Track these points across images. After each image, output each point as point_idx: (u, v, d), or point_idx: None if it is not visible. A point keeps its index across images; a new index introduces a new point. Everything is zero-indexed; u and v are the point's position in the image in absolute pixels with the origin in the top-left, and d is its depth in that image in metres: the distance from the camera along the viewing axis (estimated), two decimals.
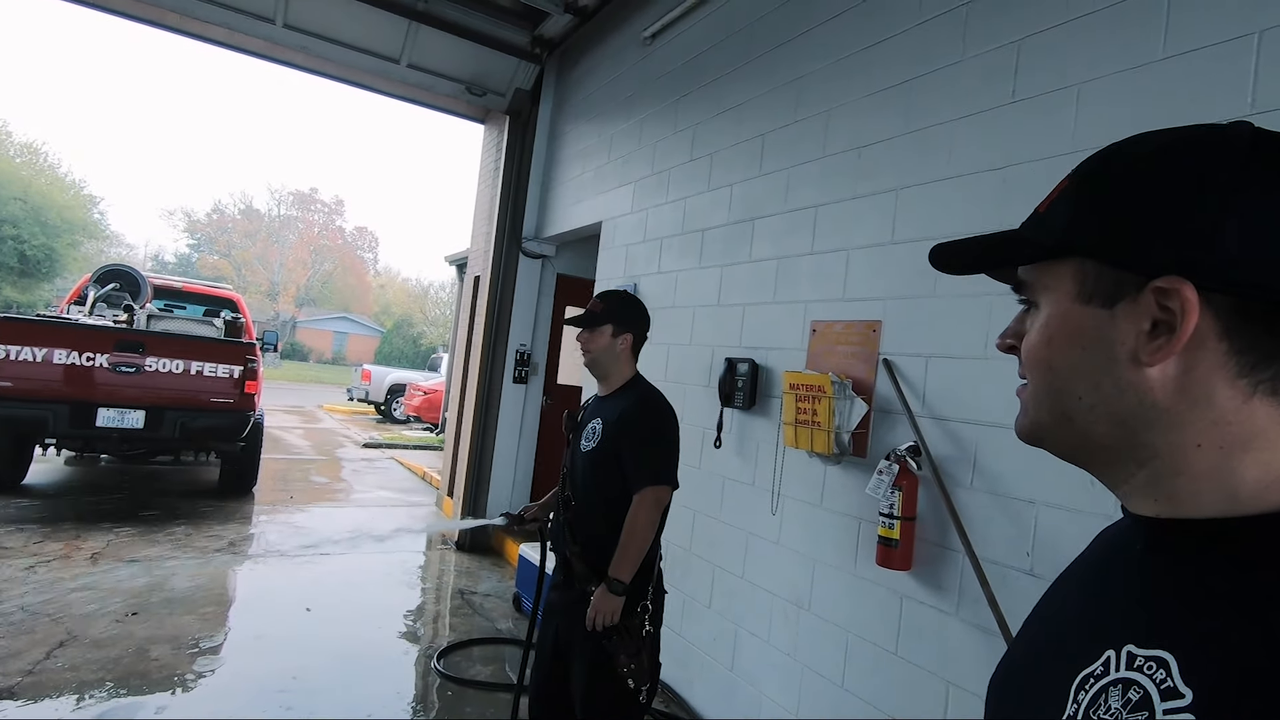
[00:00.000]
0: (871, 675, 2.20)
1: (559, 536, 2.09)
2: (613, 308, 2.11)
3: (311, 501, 6.50)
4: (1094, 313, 0.47)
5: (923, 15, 2.33)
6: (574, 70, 5.07)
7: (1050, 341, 0.50)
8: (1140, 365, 0.45)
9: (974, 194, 2.07)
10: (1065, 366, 0.49)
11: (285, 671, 3.09)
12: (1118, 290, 0.46)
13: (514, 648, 3.62)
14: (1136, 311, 0.45)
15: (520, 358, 5.42)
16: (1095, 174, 0.49)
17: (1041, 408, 0.51)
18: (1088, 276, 0.47)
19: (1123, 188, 0.46)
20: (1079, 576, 0.57)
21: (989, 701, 0.59)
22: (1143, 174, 0.46)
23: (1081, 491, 1.72)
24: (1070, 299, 0.49)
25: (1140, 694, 0.40)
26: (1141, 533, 0.48)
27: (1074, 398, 0.48)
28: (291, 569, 4.52)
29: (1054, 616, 0.57)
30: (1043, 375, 0.51)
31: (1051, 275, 0.50)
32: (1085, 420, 0.48)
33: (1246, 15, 1.53)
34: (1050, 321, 0.50)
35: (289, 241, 42.82)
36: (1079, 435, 0.49)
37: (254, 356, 5.78)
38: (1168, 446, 0.45)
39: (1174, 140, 0.46)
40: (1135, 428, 0.46)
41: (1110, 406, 0.47)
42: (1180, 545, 0.45)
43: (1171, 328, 0.43)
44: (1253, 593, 0.39)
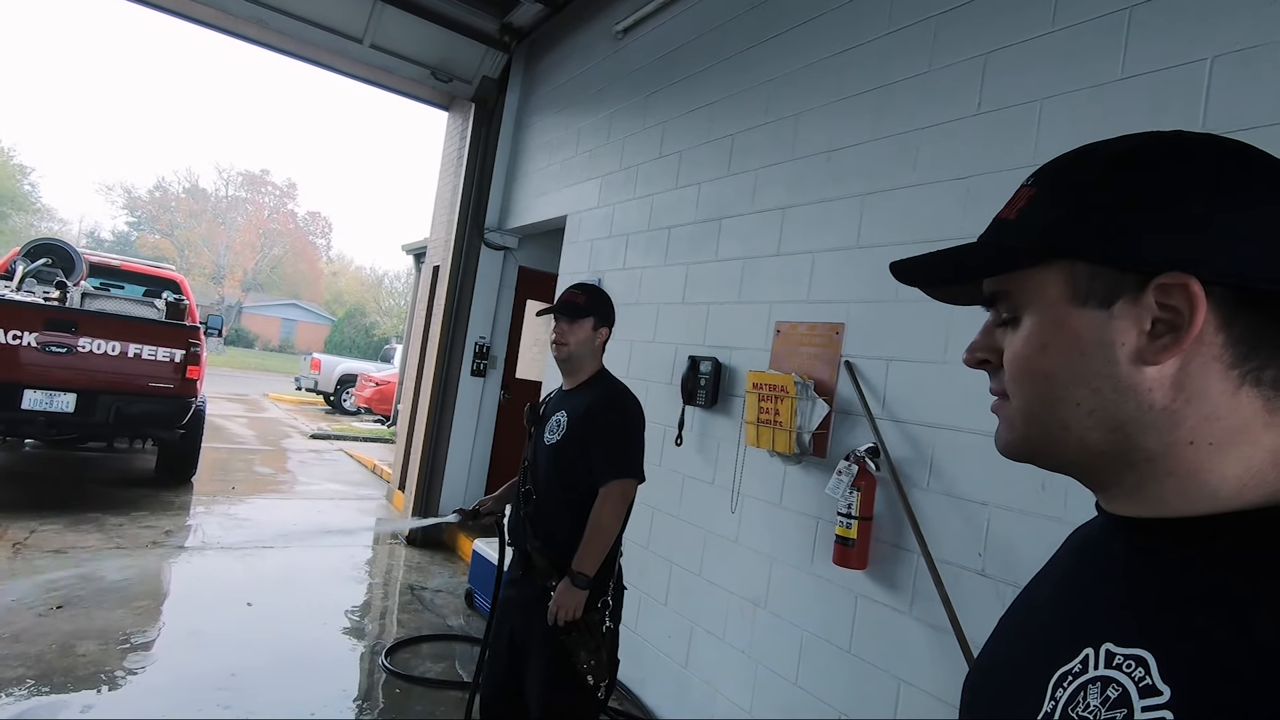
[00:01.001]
0: (825, 673, 2.23)
1: (519, 531, 2.05)
2: (595, 301, 2.10)
3: (254, 493, 6.27)
4: (1091, 314, 0.46)
5: (893, 25, 2.37)
6: (543, 61, 5.01)
7: (1046, 349, 0.48)
8: (1141, 365, 0.45)
9: (939, 202, 2.12)
10: (1062, 373, 0.47)
11: (223, 668, 2.97)
12: (1114, 290, 0.45)
13: (465, 644, 3.56)
14: (1137, 310, 0.45)
15: (479, 350, 5.33)
16: (1073, 175, 0.48)
17: (1034, 420, 0.50)
18: (1080, 278, 0.47)
19: (1108, 186, 0.46)
20: (1055, 576, 0.58)
21: (965, 700, 0.59)
22: (1126, 173, 0.46)
23: (1032, 494, 1.77)
24: (1063, 303, 0.47)
25: (1119, 691, 0.41)
26: (1120, 533, 0.48)
27: (1072, 405, 0.47)
28: (231, 562, 4.35)
29: (1031, 615, 0.57)
30: (1036, 385, 0.49)
31: (1037, 281, 0.49)
32: (1082, 427, 0.47)
33: (1200, 41, 1.60)
34: (1042, 328, 0.48)
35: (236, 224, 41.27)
36: (1075, 444, 0.48)
37: (197, 340, 5.54)
38: (1161, 447, 0.45)
39: (1146, 141, 0.47)
40: (1132, 431, 0.46)
41: (1109, 411, 0.46)
42: (1160, 545, 0.45)
43: (1174, 325, 0.43)
44: (1231, 592, 0.40)
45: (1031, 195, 0.50)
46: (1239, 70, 1.53)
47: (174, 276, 7.35)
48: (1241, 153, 0.44)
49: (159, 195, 40.23)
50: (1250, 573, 0.40)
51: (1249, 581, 0.40)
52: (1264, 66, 1.50)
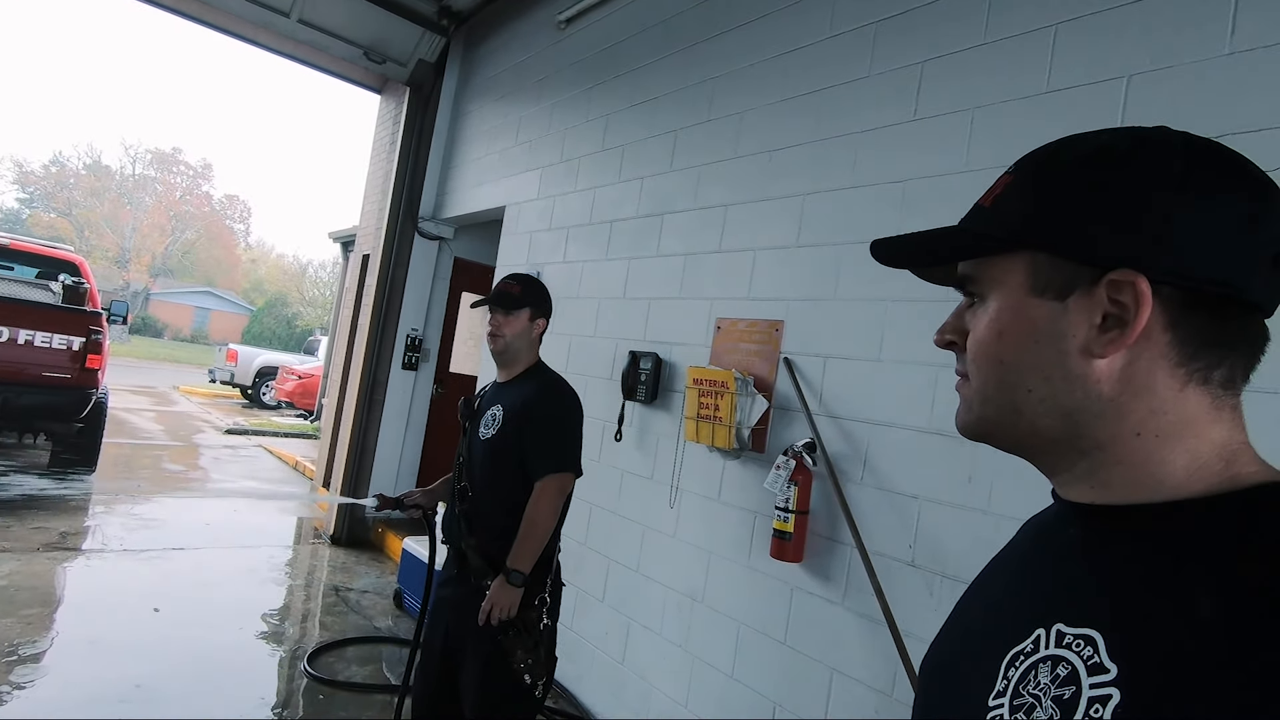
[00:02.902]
0: (760, 664, 2.26)
1: (453, 528, 1.99)
2: (531, 291, 2.05)
3: (162, 491, 5.88)
4: (1047, 305, 0.48)
5: (834, 29, 2.42)
6: (482, 46, 4.88)
7: (1002, 335, 0.50)
8: (1090, 357, 0.46)
9: (876, 204, 2.18)
10: (1016, 360, 0.49)
11: (126, 679, 2.76)
12: (1070, 283, 0.47)
13: (394, 647, 3.44)
14: (1089, 304, 0.46)
15: (411, 343, 5.16)
16: (1045, 169, 0.50)
17: (989, 403, 0.51)
18: (1040, 269, 0.48)
19: (1074, 183, 0.47)
20: (1009, 561, 0.59)
21: (921, 682, 0.60)
22: (1093, 170, 0.47)
23: (960, 488, 1.85)
24: (1023, 291, 0.49)
25: (1068, 670, 0.42)
26: (1074, 518, 0.50)
27: (1024, 391, 0.49)
28: (136, 566, 4.06)
29: (985, 600, 0.58)
30: (992, 369, 0.51)
31: (1001, 269, 0.50)
32: (1034, 413, 0.49)
33: (1118, 60, 1.70)
34: (1001, 314, 0.50)
35: (144, 204, 38.59)
36: (1026, 428, 0.50)
37: (98, 327, 5.15)
38: (1109, 437, 0.47)
39: (1117, 140, 0.48)
40: (1080, 419, 0.47)
41: (1059, 399, 0.48)
42: (1111, 530, 0.47)
43: (1122, 320, 0.45)
44: (1176, 575, 0.41)
45: (1008, 184, 0.51)
46: (1152, 89, 1.64)
47: (72, 258, 6.79)
48: (1211, 154, 0.45)
49: (55, 170, 37.16)
50: (1193, 557, 0.42)
51: (1192, 565, 0.41)
52: (1175, 86, 1.60)
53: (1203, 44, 1.57)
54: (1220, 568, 0.40)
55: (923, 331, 1.99)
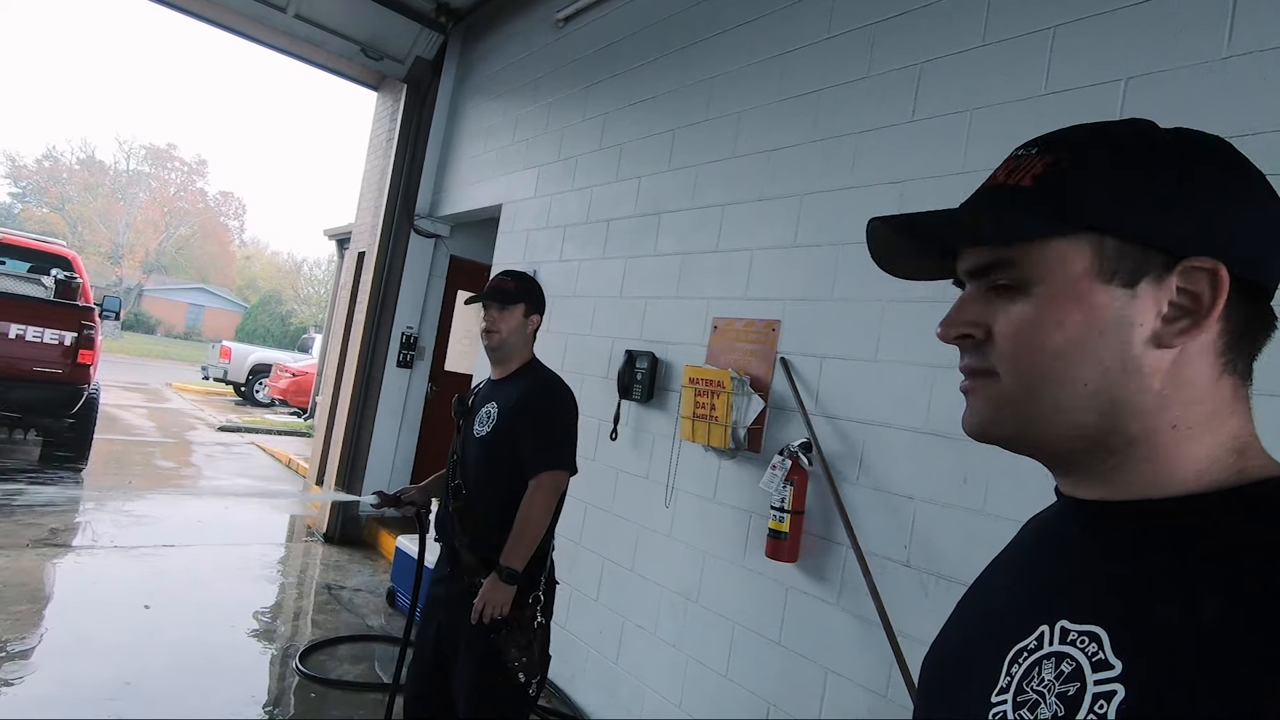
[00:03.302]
0: (755, 664, 2.26)
1: (446, 526, 1.98)
2: (525, 287, 2.04)
3: (154, 488, 5.85)
4: (1115, 292, 0.45)
5: (832, 30, 2.42)
6: (480, 44, 4.87)
7: (1061, 325, 0.46)
8: (1155, 348, 0.45)
9: (873, 205, 2.18)
10: (1075, 351, 0.45)
11: (116, 677, 2.74)
12: (1140, 268, 0.45)
13: (386, 645, 3.42)
14: (1158, 292, 0.45)
15: (406, 341, 5.14)
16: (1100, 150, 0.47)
17: (1026, 401, 0.47)
18: (1108, 253, 0.45)
19: (1143, 166, 0.46)
20: (1012, 558, 0.59)
21: (923, 677, 0.59)
22: (1162, 157, 0.46)
23: (955, 488, 1.85)
24: (1088, 277, 0.45)
25: (1073, 666, 0.42)
26: (1080, 515, 0.49)
27: (1077, 385, 0.46)
28: (127, 562, 4.03)
29: (987, 597, 0.58)
30: (1039, 363, 0.46)
31: (1058, 252, 0.46)
32: (1079, 409, 0.46)
33: (1116, 63, 1.70)
34: (1060, 303, 0.46)
35: (138, 200, 38.34)
36: (1063, 427, 0.47)
37: (91, 322, 5.11)
38: (1144, 431, 0.45)
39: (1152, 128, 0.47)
40: (1127, 414, 0.45)
41: (1114, 392, 0.45)
42: (1118, 526, 0.46)
43: (1189, 310, 0.44)
44: (1183, 571, 0.41)
45: (1049, 164, 0.47)
46: (1150, 91, 1.64)
47: (65, 253, 6.74)
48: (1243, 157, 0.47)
49: (48, 165, 36.91)
50: (1200, 553, 0.41)
51: (1199, 561, 0.41)
52: (1172, 88, 1.61)
53: (1200, 47, 1.57)
54: (1227, 564, 0.40)
55: (919, 332, 1.99)
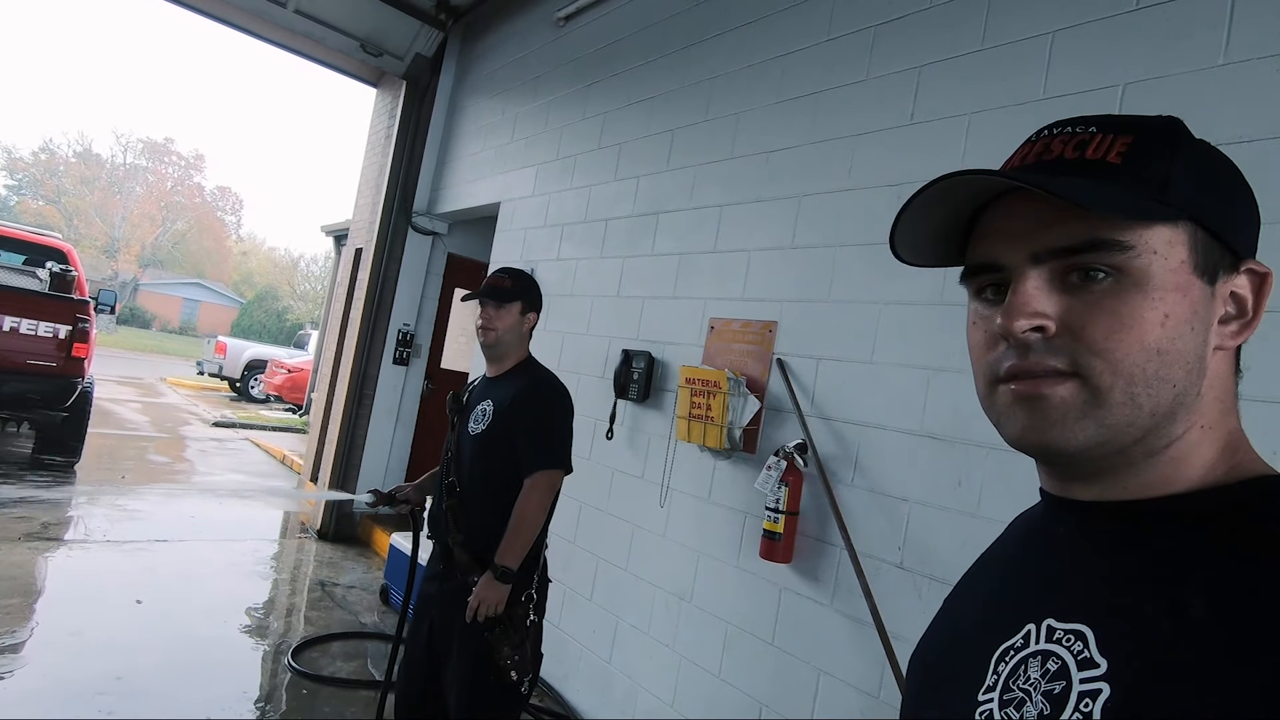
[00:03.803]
0: (748, 665, 2.26)
1: (440, 524, 1.98)
2: (522, 285, 2.04)
3: (147, 483, 5.83)
4: (1205, 288, 0.43)
5: (833, 32, 2.43)
6: (480, 42, 4.87)
7: (1168, 319, 0.42)
8: (1214, 349, 0.44)
9: (871, 207, 2.18)
10: (1173, 349, 0.42)
11: (107, 672, 2.73)
12: (1218, 267, 0.44)
13: (379, 642, 3.41)
14: (1224, 292, 0.45)
15: (402, 338, 5.13)
16: (1180, 139, 0.45)
17: (1127, 406, 0.42)
18: (1199, 246, 0.43)
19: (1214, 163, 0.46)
20: (999, 557, 0.59)
21: (910, 675, 0.60)
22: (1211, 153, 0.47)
23: (949, 491, 1.85)
24: (1188, 269, 0.43)
25: (1059, 664, 0.42)
26: (1068, 514, 0.49)
27: (1169, 386, 0.42)
28: (119, 557, 4.02)
29: (974, 595, 0.58)
30: (1141, 360, 0.42)
31: (1162, 239, 0.42)
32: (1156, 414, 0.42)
33: (1114, 69, 1.71)
34: (1167, 295, 0.42)
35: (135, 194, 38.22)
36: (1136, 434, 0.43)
37: (86, 316, 5.09)
38: (1183, 430, 0.44)
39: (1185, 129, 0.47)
40: (1178, 417, 0.44)
41: (1186, 395, 0.43)
42: (1107, 526, 0.46)
43: (1240, 312, 0.45)
44: (1168, 569, 0.41)
45: (1130, 144, 0.44)
46: (1147, 97, 1.65)
47: (60, 246, 6.70)
48: None
49: (45, 158, 36.75)
50: (1186, 554, 0.41)
51: (1185, 563, 0.41)
52: (1169, 95, 1.61)
53: (1197, 54, 1.58)
54: (1214, 564, 0.40)
55: (916, 334, 1.99)
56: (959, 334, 1.88)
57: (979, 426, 1.81)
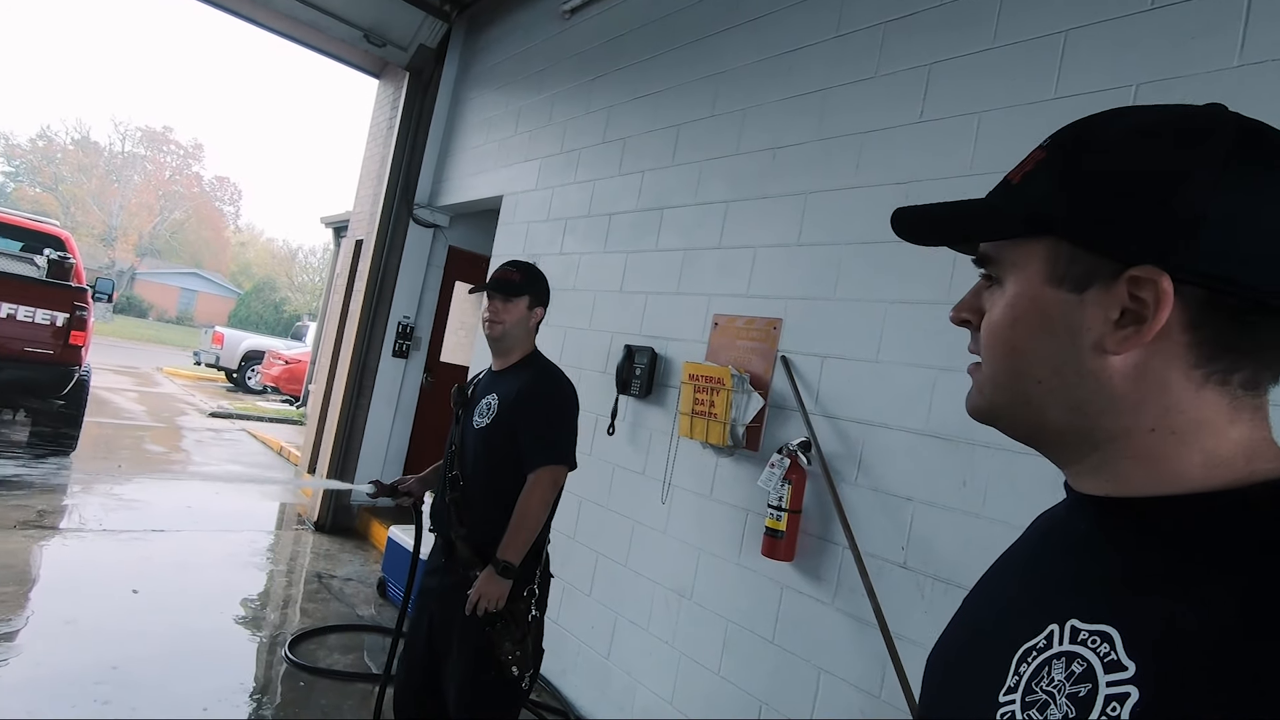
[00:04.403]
0: (748, 663, 2.25)
1: (443, 517, 1.96)
2: (530, 279, 2.03)
3: (143, 472, 5.81)
4: (1063, 297, 0.46)
5: (841, 29, 2.41)
6: (484, 35, 4.84)
7: (1015, 323, 0.48)
8: (1103, 353, 0.45)
9: (878, 205, 2.17)
10: (1027, 350, 0.48)
11: (103, 662, 2.72)
12: (1090, 276, 0.45)
13: (376, 635, 3.41)
14: (1107, 299, 0.44)
15: (402, 330, 5.12)
16: (1074, 150, 0.47)
17: (999, 389, 0.51)
18: (1060, 258, 0.46)
19: (1103, 169, 0.45)
20: (1021, 554, 0.58)
21: (927, 675, 0.59)
22: (1125, 156, 0.44)
23: (954, 491, 1.85)
24: (1040, 280, 0.47)
25: (1084, 667, 0.41)
26: (1087, 511, 0.49)
27: (1033, 381, 0.48)
28: (115, 546, 4.00)
29: (996, 592, 0.57)
30: (1003, 357, 0.50)
31: (1021, 253, 0.48)
32: (1042, 403, 0.48)
33: (1127, 69, 1.70)
34: (1016, 302, 0.48)
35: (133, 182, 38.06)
36: (1035, 417, 0.49)
37: (84, 304, 5.06)
38: (1122, 431, 0.45)
39: (1157, 122, 0.44)
40: (1091, 413, 0.46)
41: (1069, 392, 0.47)
42: (1126, 523, 0.46)
43: (1140, 317, 0.43)
44: (1194, 570, 0.40)
45: (1039, 160, 0.48)
46: (1160, 99, 1.63)
47: (58, 233, 6.66)
48: (1263, 141, 0.42)
49: (42, 145, 36.58)
50: (1214, 553, 0.40)
51: (1213, 562, 0.40)
52: (1181, 97, 1.59)
53: (1212, 56, 1.57)
54: (1242, 564, 0.39)
55: (922, 334, 1.98)
56: (966, 333, 1.88)
57: (984, 427, 1.79)
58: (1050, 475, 1.65)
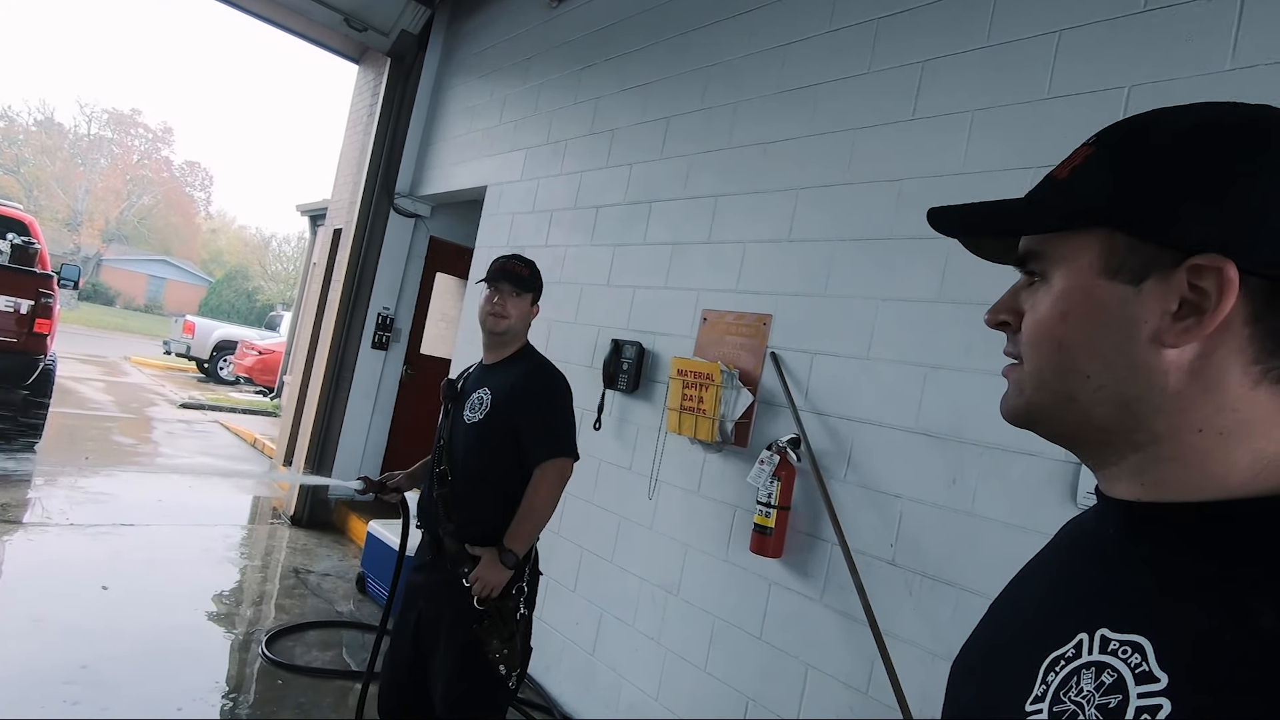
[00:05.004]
0: (735, 659, 2.25)
1: (431, 513, 1.93)
2: (536, 275, 2.04)
3: (111, 464, 5.66)
4: (1119, 288, 0.45)
5: (834, 24, 2.40)
6: (469, 21, 4.76)
7: (1066, 316, 0.47)
8: (1160, 346, 0.43)
9: (870, 202, 2.17)
10: (1079, 344, 0.47)
11: (72, 660, 2.64)
12: (1148, 266, 0.44)
13: (355, 632, 3.35)
14: (1165, 290, 0.43)
15: (382, 322, 5.03)
16: (1132, 143, 0.47)
17: (1044, 388, 0.49)
18: (1117, 249, 0.45)
19: (1165, 161, 0.44)
20: (1049, 560, 0.57)
21: (951, 683, 0.58)
22: (1187, 149, 0.44)
23: (943, 489, 1.85)
24: (1094, 272, 0.46)
25: (1114, 677, 0.40)
26: (1118, 516, 0.48)
27: (1082, 377, 0.47)
28: (83, 541, 3.89)
29: (1023, 599, 0.56)
30: (1050, 353, 0.48)
31: (1072, 246, 0.47)
32: (1089, 401, 0.47)
33: (1120, 70, 1.71)
34: (1068, 295, 0.47)
35: (99, 166, 36.98)
36: (1079, 417, 0.48)
37: (49, 290, 4.90)
38: (1169, 430, 0.44)
39: (1215, 118, 0.45)
40: (1140, 411, 0.45)
41: (1120, 388, 0.45)
42: (1159, 530, 0.45)
43: (1199, 308, 0.42)
44: (1230, 578, 0.39)
45: (1088, 156, 0.48)
46: (1153, 100, 1.63)
47: (22, 217, 6.42)
48: None
49: (3, 126, 35.36)
50: (1252, 560, 0.39)
51: (1250, 569, 0.39)
52: (1174, 98, 1.58)
53: (1205, 58, 1.58)
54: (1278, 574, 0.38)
55: (913, 331, 1.99)
56: (957, 332, 1.88)
57: (975, 425, 1.81)
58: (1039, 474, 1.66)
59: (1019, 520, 1.68)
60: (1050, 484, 1.64)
